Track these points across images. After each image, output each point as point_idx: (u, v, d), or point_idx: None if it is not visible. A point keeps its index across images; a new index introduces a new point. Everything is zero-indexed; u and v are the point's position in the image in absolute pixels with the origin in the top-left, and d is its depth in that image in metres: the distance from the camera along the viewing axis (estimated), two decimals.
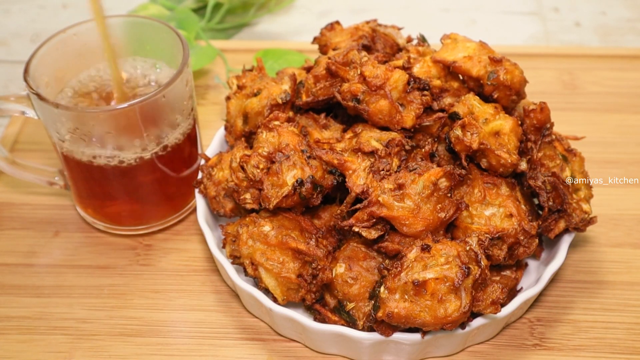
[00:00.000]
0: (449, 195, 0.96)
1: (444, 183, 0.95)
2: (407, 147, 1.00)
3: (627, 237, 1.22)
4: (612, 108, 1.47)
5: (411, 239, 0.96)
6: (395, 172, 0.96)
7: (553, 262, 1.07)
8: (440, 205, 0.95)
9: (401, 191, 0.94)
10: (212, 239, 1.10)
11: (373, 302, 0.96)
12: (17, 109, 1.13)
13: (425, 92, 1.03)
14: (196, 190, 1.15)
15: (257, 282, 1.02)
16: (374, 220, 0.96)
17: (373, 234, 0.96)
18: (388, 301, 0.92)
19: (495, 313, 0.96)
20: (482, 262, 0.94)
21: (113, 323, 1.11)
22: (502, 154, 1.00)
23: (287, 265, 0.99)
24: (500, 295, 0.96)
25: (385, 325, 0.96)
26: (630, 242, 1.21)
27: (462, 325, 0.97)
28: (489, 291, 0.97)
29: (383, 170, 0.96)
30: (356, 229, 0.96)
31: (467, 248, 0.94)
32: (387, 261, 0.99)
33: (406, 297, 0.92)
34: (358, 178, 0.97)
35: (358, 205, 0.96)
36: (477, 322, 0.99)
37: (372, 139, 1.01)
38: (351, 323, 1.00)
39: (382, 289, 0.93)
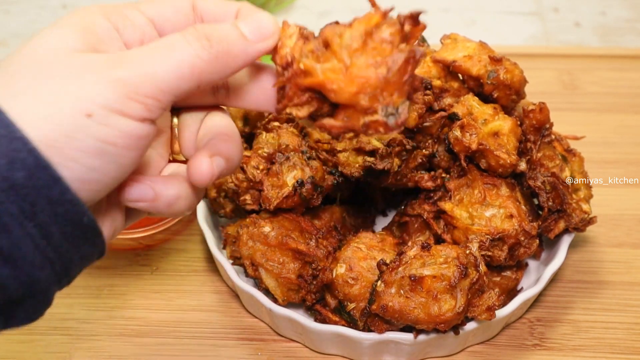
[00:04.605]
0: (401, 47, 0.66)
1: (385, 31, 0.65)
2: (407, 147, 1.00)
3: (627, 237, 1.22)
4: (612, 108, 1.47)
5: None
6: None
7: (553, 262, 1.07)
8: (379, 58, 0.65)
9: (327, 50, 0.67)
10: (212, 239, 1.09)
11: (369, 296, 0.96)
12: None
13: (427, 92, 1.03)
14: None
15: (258, 283, 1.03)
16: (307, 95, 0.69)
17: (303, 112, 0.70)
18: (383, 294, 0.92)
19: (490, 319, 0.96)
20: (480, 268, 0.94)
21: (113, 323, 1.11)
22: (501, 154, 1.00)
23: (288, 265, 0.99)
24: (496, 302, 0.96)
25: (378, 319, 0.96)
26: (630, 242, 1.21)
27: (456, 330, 0.97)
28: (485, 297, 0.96)
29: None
30: (288, 110, 0.70)
31: (467, 252, 0.94)
32: (385, 258, 0.99)
33: (402, 292, 0.92)
34: (283, 48, 0.69)
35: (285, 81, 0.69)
36: (477, 322, 0.99)
37: (372, 138, 1.01)
38: (352, 323, 1.00)
39: (379, 282, 0.94)
